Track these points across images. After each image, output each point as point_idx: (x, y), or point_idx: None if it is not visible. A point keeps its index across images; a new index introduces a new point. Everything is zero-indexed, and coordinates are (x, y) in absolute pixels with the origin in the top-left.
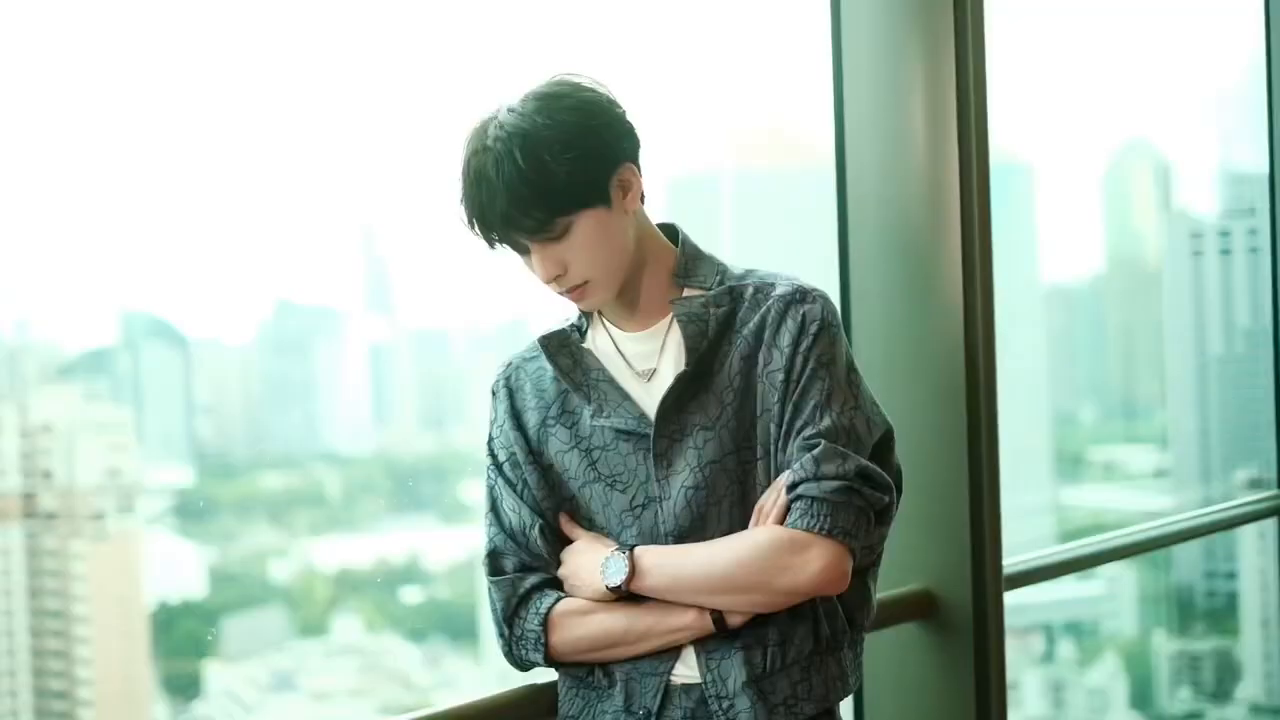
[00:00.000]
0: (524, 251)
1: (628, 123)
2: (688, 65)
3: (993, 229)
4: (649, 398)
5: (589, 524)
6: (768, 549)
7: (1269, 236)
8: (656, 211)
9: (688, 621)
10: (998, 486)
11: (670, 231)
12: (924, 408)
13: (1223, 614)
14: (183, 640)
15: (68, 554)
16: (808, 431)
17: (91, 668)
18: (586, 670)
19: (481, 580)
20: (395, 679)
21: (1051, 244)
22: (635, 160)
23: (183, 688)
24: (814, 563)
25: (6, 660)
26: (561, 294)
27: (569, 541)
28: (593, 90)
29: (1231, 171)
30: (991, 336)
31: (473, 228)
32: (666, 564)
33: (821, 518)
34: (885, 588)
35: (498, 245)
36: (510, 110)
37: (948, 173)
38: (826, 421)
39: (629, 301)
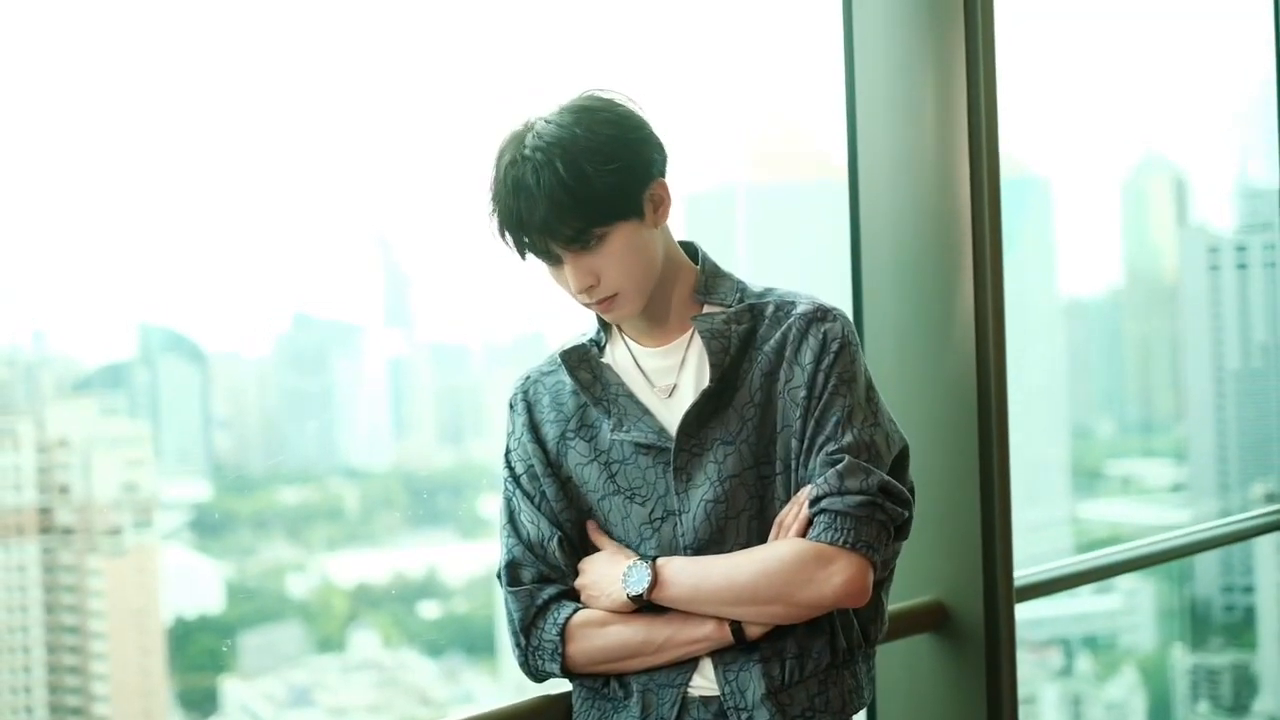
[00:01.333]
0: (556, 262)
1: (659, 139)
2: (702, 81)
3: (1011, 242)
4: (668, 413)
5: (606, 536)
6: (792, 561)
7: None
8: (674, 228)
9: (707, 633)
10: (1009, 499)
11: (689, 249)
12: (936, 420)
13: (1240, 628)
14: (199, 655)
15: (84, 569)
16: (830, 447)
17: (108, 683)
18: (602, 681)
19: (499, 595)
20: (413, 694)
21: (1069, 257)
22: (665, 176)
23: (199, 703)
24: (838, 575)
25: (23, 676)
26: (590, 305)
27: (586, 554)
28: (626, 105)
29: (1248, 187)
30: (1003, 350)
31: (505, 237)
32: (689, 574)
33: (846, 531)
34: (897, 599)
35: (529, 255)
36: (547, 121)
37: (959, 187)
38: (848, 437)
39: (652, 316)
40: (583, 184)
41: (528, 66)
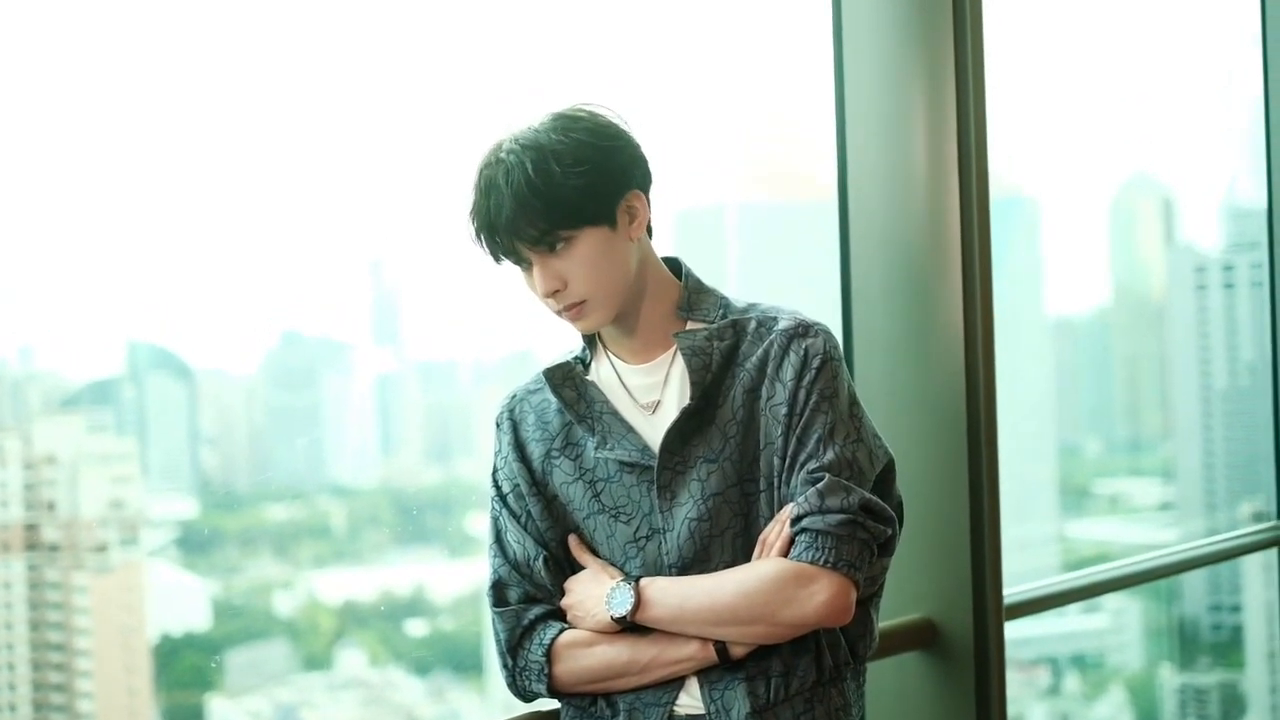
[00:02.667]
0: (526, 265)
1: (641, 153)
2: (693, 101)
3: (999, 262)
4: (652, 430)
5: (593, 554)
6: (773, 581)
7: (1268, 271)
8: (664, 244)
9: (691, 652)
10: (998, 516)
11: (674, 266)
12: (925, 438)
13: (1228, 647)
14: (186, 673)
15: (70, 586)
16: (811, 465)
17: (94, 701)
18: (590, 700)
19: (487, 613)
20: (399, 712)
21: (1057, 277)
22: (645, 190)
23: None
24: (819, 595)
25: (7, 694)
26: (558, 312)
27: (573, 572)
28: (608, 116)
29: (1235, 206)
30: (992, 367)
31: (479, 240)
32: (672, 595)
33: (826, 550)
34: (886, 617)
35: (503, 259)
36: (528, 127)
37: (949, 206)
38: (830, 455)
39: (630, 331)
40: (549, 184)
41: (519, 86)
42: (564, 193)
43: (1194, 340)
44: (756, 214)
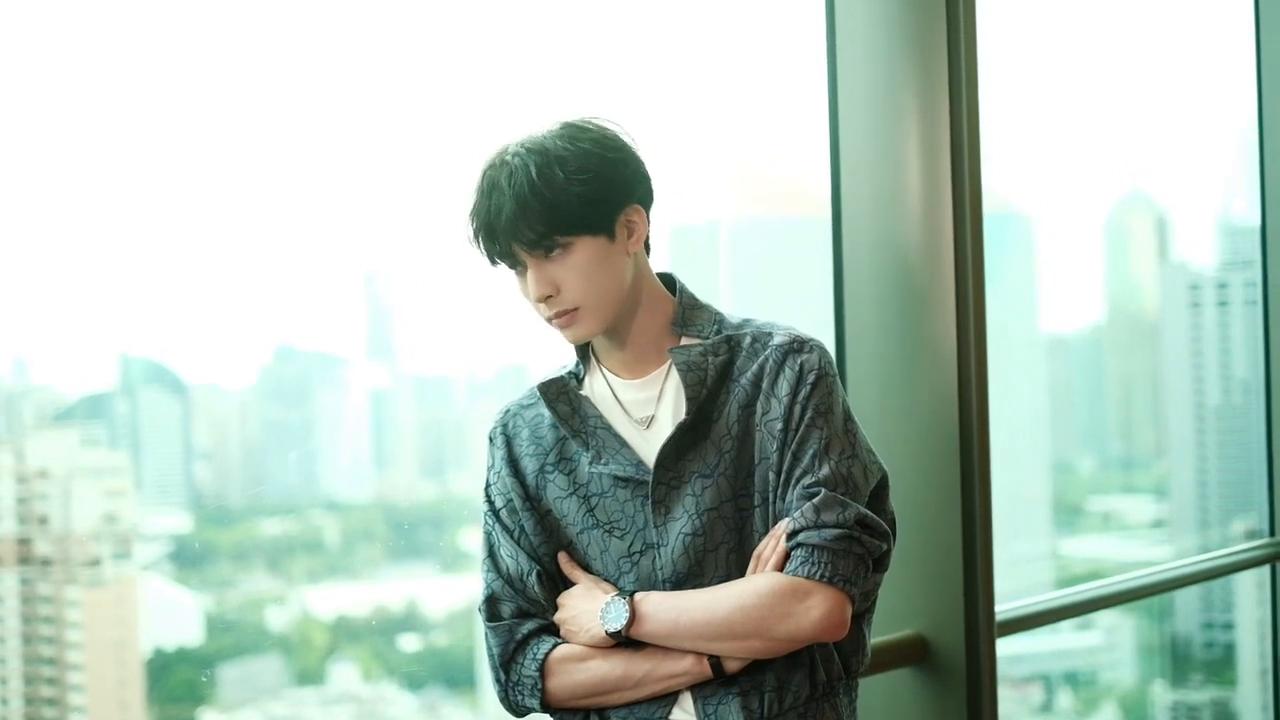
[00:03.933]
0: (521, 269)
1: (645, 170)
2: (689, 118)
3: (992, 279)
4: (647, 445)
5: (586, 570)
6: (769, 596)
7: (1261, 289)
8: (659, 260)
9: (685, 667)
10: (990, 532)
11: (668, 281)
12: (918, 454)
13: (1221, 664)
14: (178, 687)
15: (63, 600)
16: (807, 480)
17: (85, 715)
18: (582, 716)
19: (480, 628)
20: None
21: (1050, 294)
22: (646, 207)
23: None
24: (815, 610)
25: None
26: (550, 319)
27: (566, 587)
28: (615, 130)
29: (1230, 224)
30: (985, 383)
31: (476, 241)
32: (667, 609)
33: (823, 565)
34: (878, 633)
35: (498, 262)
36: (535, 133)
37: (942, 222)
38: (825, 470)
39: (624, 346)
40: (551, 188)
41: (515, 100)
42: (565, 198)
43: (1188, 358)
44: (750, 230)
